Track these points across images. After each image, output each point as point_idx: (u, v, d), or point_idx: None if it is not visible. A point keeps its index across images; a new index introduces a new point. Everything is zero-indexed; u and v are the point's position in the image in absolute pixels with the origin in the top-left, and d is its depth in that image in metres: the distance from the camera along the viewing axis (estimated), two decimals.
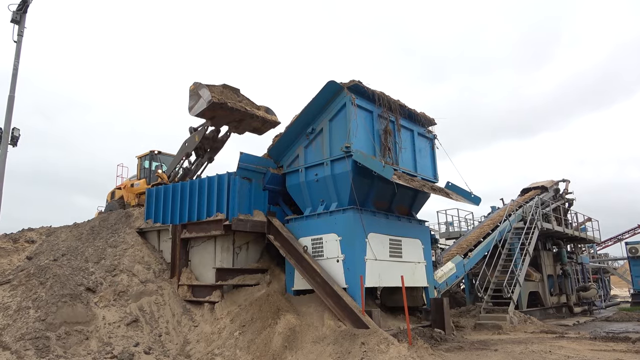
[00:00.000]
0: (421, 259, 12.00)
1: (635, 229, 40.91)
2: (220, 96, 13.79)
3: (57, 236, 13.52)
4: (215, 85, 14.12)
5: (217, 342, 9.60)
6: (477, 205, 12.66)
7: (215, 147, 15.82)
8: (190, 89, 14.00)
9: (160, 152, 17.54)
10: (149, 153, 17.51)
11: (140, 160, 17.80)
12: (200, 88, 13.75)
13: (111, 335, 9.39)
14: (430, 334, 10.72)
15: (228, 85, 14.61)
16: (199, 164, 15.98)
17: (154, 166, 17.22)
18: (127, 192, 17.50)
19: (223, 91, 14.28)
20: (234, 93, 14.72)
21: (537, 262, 19.70)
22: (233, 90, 14.78)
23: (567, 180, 24.63)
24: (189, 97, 14.03)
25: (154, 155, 17.46)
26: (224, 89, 14.42)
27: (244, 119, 14.70)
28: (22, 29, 14.57)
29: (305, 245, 10.78)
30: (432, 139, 12.96)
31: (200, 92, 13.67)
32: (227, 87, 14.57)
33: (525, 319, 14.50)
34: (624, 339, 11.14)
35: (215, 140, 15.62)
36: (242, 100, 14.78)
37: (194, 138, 15.03)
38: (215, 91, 13.80)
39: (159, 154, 17.49)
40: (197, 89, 13.80)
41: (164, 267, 12.13)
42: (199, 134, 14.88)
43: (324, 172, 10.82)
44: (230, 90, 14.68)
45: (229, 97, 14.23)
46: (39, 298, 9.45)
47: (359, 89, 10.82)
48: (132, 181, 17.78)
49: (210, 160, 16.11)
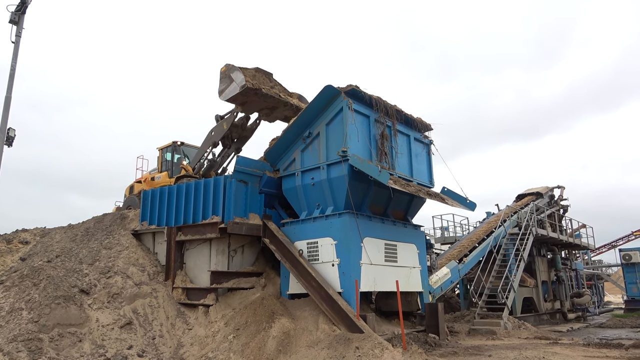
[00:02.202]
0: (416, 264, 12.02)
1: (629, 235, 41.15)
2: (254, 80, 12.82)
3: (51, 237, 13.46)
4: (247, 68, 13.13)
5: (211, 346, 9.57)
6: (473, 211, 12.71)
7: (244, 136, 14.73)
8: (222, 70, 12.96)
9: (183, 143, 16.61)
10: (171, 144, 16.64)
11: (161, 152, 16.89)
12: (232, 70, 12.70)
13: (104, 337, 9.34)
14: (425, 339, 10.72)
15: (261, 69, 13.56)
16: (225, 155, 15.03)
17: (176, 158, 16.38)
18: (147, 185, 16.61)
19: (255, 75, 13.29)
20: (266, 77, 13.69)
21: (531, 268, 19.76)
22: (266, 74, 13.72)
23: (562, 186, 24.76)
24: (220, 79, 12.98)
25: (177, 146, 16.55)
26: (257, 72, 13.40)
27: (277, 106, 13.75)
28: (20, 30, 14.53)
29: (301, 249, 10.78)
30: (428, 144, 13.01)
31: (233, 75, 12.63)
32: (259, 70, 13.52)
33: (519, 325, 14.54)
34: (617, 345, 11.18)
35: (244, 129, 14.56)
36: (274, 85, 13.80)
37: (221, 126, 14.01)
38: (248, 74, 12.81)
39: (181, 145, 16.57)
40: (229, 72, 12.75)
41: (158, 269, 12.09)
42: (228, 121, 13.84)
43: (320, 176, 10.83)
44: (263, 74, 13.64)
45: (262, 82, 13.25)
46: (32, 299, 9.40)
47: (356, 93, 10.86)
48: (153, 174, 16.95)
49: (238, 150, 15.02)
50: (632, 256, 25.36)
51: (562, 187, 24.72)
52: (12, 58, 14.32)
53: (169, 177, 15.90)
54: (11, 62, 14.28)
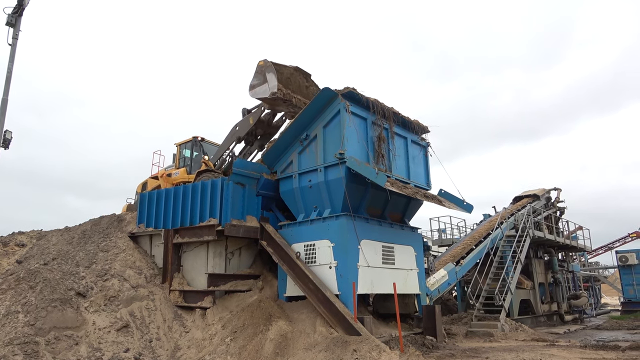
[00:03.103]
0: (413, 266, 12.03)
1: (625, 237, 41.27)
2: (287, 89, 12.34)
3: (47, 240, 13.41)
4: (286, 66, 12.72)
5: (208, 348, 9.55)
6: (470, 213, 12.73)
7: (269, 133, 14.18)
8: (259, 64, 12.43)
9: (203, 139, 16.08)
10: (191, 139, 16.16)
11: (179, 147, 16.42)
12: (268, 70, 12.18)
13: (101, 340, 9.31)
14: (422, 341, 10.73)
15: (300, 69, 13.12)
16: (247, 152, 14.55)
17: (194, 155, 15.91)
18: (164, 181, 16.26)
19: (293, 74, 12.89)
20: (303, 77, 13.27)
21: (528, 270, 19.81)
22: (304, 74, 13.27)
23: (558, 188, 24.85)
24: (255, 73, 12.49)
25: (197, 142, 16.02)
26: (295, 71, 13.00)
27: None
28: (17, 32, 14.48)
29: (298, 252, 10.77)
30: (425, 147, 13.03)
31: (268, 76, 12.15)
32: (298, 70, 13.10)
33: (516, 327, 14.56)
34: (613, 347, 11.21)
35: (270, 125, 13.99)
36: (310, 85, 13.38)
37: (247, 120, 13.41)
38: (284, 73, 12.42)
39: (202, 141, 16.06)
40: (265, 69, 12.26)
41: (155, 272, 12.07)
42: (254, 115, 13.27)
43: (318, 178, 10.84)
44: (301, 74, 13.20)
45: (296, 84, 12.82)
46: (28, 302, 9.36)
47: (354, 96, 10.89)
48: (170, 170, 16.50)
49: (261, 148, 14.43)
50: (628, 258, 25.43)
51: (558, 189, 24.81)
52: (9, 60, 14.27)
53: (187, 174, 15.40)
54: (8, 65, 14.22)
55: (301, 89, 13.19)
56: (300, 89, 13.20)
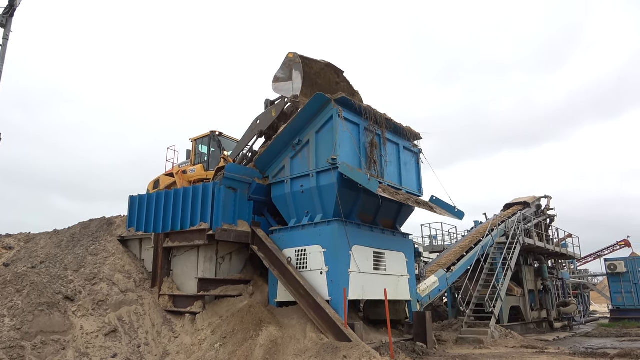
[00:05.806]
0: (404, 272, 12.04)
1: (614, 245, 41.62)
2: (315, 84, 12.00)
3: (36, 243, 13.26)
4: (316, 61, 12.35)
5: (198, 354, 9.47)
6: (461, 220, 12.77)
7: None
8: (288, 56, 12.01)
9: (221, 134, 15.36)
10: (208, 134, 15.31)
11: (195, 143, 15.70)
12: (296, 67, 11.74)
13: (88, 345, 9.19)
14: (413, 347, 10.71)
15: (331, 65, 12.66)
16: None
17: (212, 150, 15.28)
18: (179, 178, 15.56)
19: (323, 69, 12.54)
20: (335, 74, 12.87)
21: (518, 277, 19.89)
22: (335, 71, 12.84)
23: (548, 196, 25.05)
24: (282, 64, 12.13)
25: (214, 136, 15.13)
26: (326, 67, 12.60)
27: None
28: (8, 33, 14.40)
29: (289, 257, 10.74)
30: (417, 153, 13.09)
31: (294, 74, 11.78)
32: (329, 66, 12.64)
33: (506, 334, 14.59)
34: (602, 355, 11.27)
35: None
36: (341, 82, 12.94)
37: (270, 113, 12.76)
38: (314, 68, 12.06)
39: (220, 136, 15.31)
40: (293, 65, 11.84)
41: (145, 276, 11.96)
42: (277, 108, 12.64)
43: (310, 183, 10.83)
44: (332, 70, 12.79)
45: (325, 79, 12.50)
46: (14, 306, 9.23)
47: (346, 101, 10.92)
48: (185, 167, 15.84)
49: None
50: (617, 266, 25.60)
51: (549, 197, 25.01)
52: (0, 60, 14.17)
53: (204, 170, 14.78)
54: None
55: (331, 85, 12.86)
56: (330, 85, 12.88)
